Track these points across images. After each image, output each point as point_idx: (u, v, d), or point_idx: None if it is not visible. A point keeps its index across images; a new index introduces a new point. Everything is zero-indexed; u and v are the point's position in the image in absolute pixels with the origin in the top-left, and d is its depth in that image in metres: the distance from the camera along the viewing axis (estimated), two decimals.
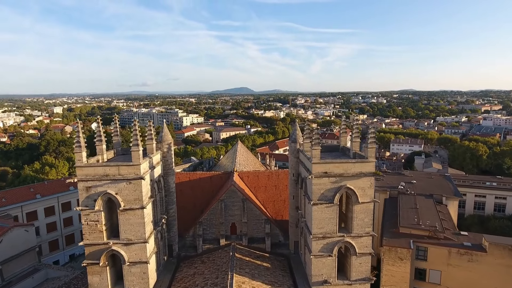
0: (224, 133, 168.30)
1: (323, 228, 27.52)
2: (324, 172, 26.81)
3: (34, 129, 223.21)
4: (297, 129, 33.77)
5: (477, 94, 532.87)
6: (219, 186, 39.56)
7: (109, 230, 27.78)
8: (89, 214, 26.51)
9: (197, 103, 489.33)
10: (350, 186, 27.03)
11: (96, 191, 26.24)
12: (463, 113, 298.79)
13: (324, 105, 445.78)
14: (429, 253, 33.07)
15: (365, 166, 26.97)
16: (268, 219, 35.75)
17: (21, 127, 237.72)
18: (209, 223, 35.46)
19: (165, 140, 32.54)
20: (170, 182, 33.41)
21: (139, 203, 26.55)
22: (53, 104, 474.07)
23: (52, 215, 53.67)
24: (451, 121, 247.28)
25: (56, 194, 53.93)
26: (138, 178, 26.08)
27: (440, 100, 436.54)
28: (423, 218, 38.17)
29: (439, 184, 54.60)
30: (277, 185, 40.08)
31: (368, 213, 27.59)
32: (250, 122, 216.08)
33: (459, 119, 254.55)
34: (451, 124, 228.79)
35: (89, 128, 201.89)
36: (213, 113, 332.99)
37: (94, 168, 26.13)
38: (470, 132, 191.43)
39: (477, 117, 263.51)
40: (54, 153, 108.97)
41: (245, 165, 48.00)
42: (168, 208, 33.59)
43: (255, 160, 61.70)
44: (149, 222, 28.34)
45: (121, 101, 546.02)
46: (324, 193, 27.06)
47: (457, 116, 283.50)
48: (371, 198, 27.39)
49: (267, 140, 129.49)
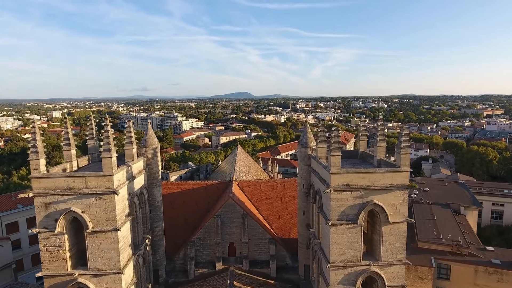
0: (224, 137, 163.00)
1: (344, 254, 21.92)
2: (345, 184, 21.31)
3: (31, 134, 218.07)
4: (308, 131, 28.34)
5: (477, 98, 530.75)
6: (216, 198, 33.99)
7: (75, 257, 22.16)
8: (49, 237, 20.97)
9: (197, 107, 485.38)
10: (378, 202, 21.52)
11: (58, 209, 20.73)
12: (466, 118, 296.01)
13: (324, 109, 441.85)
14: (452, 272, 29.80)
15: (396, 177, 21.49)
16: (273, 238, 30.12)
17: (18, 131, 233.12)
18: (202, 243, 29.83)
19: (150, 144, 27.06)
20: (156, 194, 27.85)
21: (112, 223, 20.99)
22: (52, 109, 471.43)
23: (35, 226, 48.46)
24: (454, 125, 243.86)
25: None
26: (110, 193, 20.56)
27: (442, 105, 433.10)
28: (443, 231, 34.53)
29: (454, 192, 50.88)
30: (282, 196, 34.51)
31: (400, 236, 22.03)
32: (251, 127, 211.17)
33: (462, 124, 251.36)
34: (455, 128, 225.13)
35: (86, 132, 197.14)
36: (213, 117, 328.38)
37: (55, 180, 20.63)
38: (475, 136, 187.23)
39: (480, 121, 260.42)
40: (47, 158, 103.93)
41: (245, 172, 42.52)
42: (153, 226, 27.96)
43: (256, 166, 56.24)
44: (126, 246, 22.73)
45: (121, 106, 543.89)
46: (345, 211, 21.53)
47: (460, 120, 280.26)
48: (404, 217, 21.86)
49: (268, 145, 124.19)
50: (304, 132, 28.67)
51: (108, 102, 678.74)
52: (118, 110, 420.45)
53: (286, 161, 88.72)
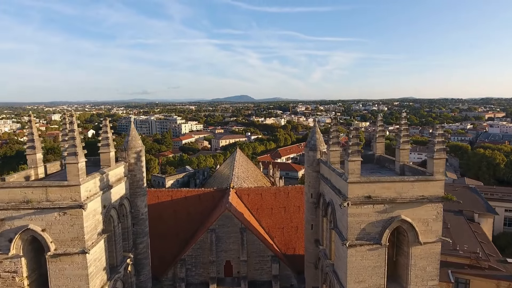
0: (224, 140, 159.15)
1: (364, 281, 17.93)
2: (366, 196, 17.38)
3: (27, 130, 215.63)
4: (317, 131, 24.45)
5: (477, 101, 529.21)
6: (211, 208, 30.02)
7: (35, 285, 18.18)
8: (2, 261, 17.03)
9: (197, 110, 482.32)
10: (406, 218, 17.58)
11: (12, 226, 16.82)
12: (467, 121, 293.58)
13: (325, 112, 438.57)
14: (471, 287, 27.71)
15: (429, 187, 17.59)
16: (276, 255, 26.13)
17: (16, 134, 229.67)
18: (194, 262, 25.83)
19: (132, 147, 23.14)
20: (140, 205, 23.89)
21: (79, 244, 17.05)
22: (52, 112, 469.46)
23: None
24: (456, 128, 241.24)
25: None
26: (77, 206, 16.64)
27: (442, 108, 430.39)
28: (459, 241, 31.67)
29: (466, 197, 47.81)
30: (286, 206, 30.54)
31: (432, 258, 18.07)
32: (251, 129, 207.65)
33: (464, 127, 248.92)
34: (457, 131, 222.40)
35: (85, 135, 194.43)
36: (213, 120, 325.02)
37: (9, 191, 16.72)
38: (478, 139, 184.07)
39: (482, 124, 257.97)
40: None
41: (244, 178, 38.66)
42: (137, 242, 23.97)
43: (256, 171, 52.35)
44: (99, 270, 18.73)
45: (121, 109, 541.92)
46: (365, 229, 17.58)
47: (462, 123, 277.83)
48: (437, 236, 17.92)
49: (268, 148, 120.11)
50: (313, 133, 24.77)
51: (108, 105, 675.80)
52: (118, 113, 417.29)
53: (287, 164, 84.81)
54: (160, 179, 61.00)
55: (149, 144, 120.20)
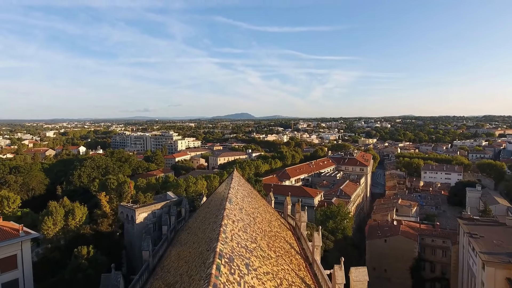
0: (222, 158, 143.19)
1: None
2: None
3: (13, 153, 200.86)
4: None
5: (480, 119, 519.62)
6: None
7: None
8: None
9: (197, 127, 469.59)
10: None
11: None
12: (478, 137, 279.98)
13: (327, 129, 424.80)
14: None
15: None
16: None
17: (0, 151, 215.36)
18: None
19: None
20: None
21: None
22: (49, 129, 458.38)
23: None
24: (470, 145, 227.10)
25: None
26: None
27: (448, 124, 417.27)
28: None
29: None
30: None
31: None
32: (252, 146, 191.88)
33: (479, 143, 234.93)
34: (474, 148, 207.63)
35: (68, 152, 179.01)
36: (212, 137, 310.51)
37: None
38: (500, 157, 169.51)
39: (497, 140, 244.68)
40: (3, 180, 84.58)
41: (240, 229, 22.00)
42: None
43: (260, 206, 33.62)
44: None
45: (120, 126, 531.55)
46: None
47: (475, 140, 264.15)
48: None
49: (274, 167, 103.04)
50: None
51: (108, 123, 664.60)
52: (115, 130, 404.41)
53: (300, 188, 68.11)
54: (129, 211, 44.65)
55: (135, 162, 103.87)
